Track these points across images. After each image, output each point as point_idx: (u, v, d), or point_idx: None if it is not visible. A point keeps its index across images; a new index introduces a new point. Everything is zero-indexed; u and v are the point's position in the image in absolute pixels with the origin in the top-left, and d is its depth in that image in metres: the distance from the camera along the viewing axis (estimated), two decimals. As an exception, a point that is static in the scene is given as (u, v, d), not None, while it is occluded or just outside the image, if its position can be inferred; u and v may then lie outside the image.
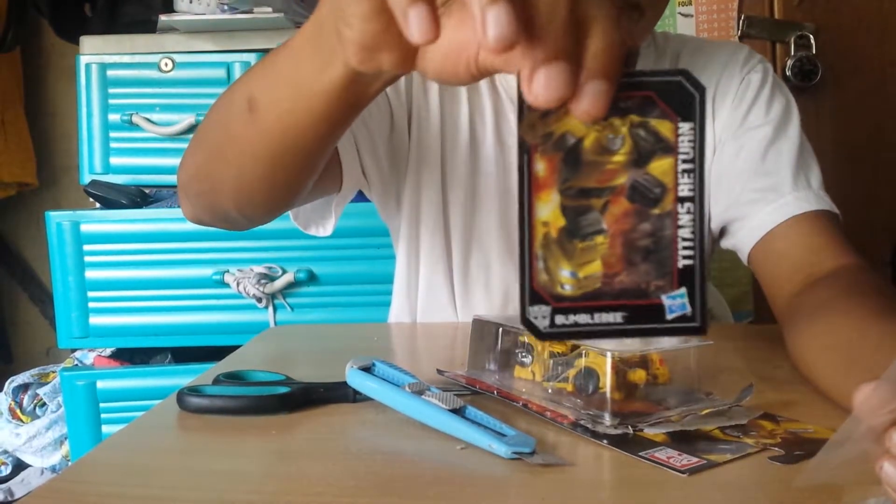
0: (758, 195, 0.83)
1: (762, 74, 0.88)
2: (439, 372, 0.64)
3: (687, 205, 0.37)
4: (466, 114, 0.89)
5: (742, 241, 0.84)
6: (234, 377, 0.63)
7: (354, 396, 0.58)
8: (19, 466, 1.68)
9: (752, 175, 0.84)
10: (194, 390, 0.58)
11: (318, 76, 0.47)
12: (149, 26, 1.59)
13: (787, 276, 0.78)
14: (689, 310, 0.39)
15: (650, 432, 0.51)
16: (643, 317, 0.38)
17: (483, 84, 0.89)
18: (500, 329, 0.61)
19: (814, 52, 1.67)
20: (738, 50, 0.91)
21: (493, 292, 0.89)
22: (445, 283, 0.90)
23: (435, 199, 0.89)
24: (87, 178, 1.56)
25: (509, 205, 0.89)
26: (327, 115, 0.50)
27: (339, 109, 0.50)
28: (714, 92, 0.89)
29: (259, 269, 1.46)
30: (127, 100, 1.55)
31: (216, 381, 0.62)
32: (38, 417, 1.65)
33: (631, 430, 0.51)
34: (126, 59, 1.55)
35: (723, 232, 0.88)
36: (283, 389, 0.59)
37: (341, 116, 0.51)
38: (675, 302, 0.39)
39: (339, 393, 0.59)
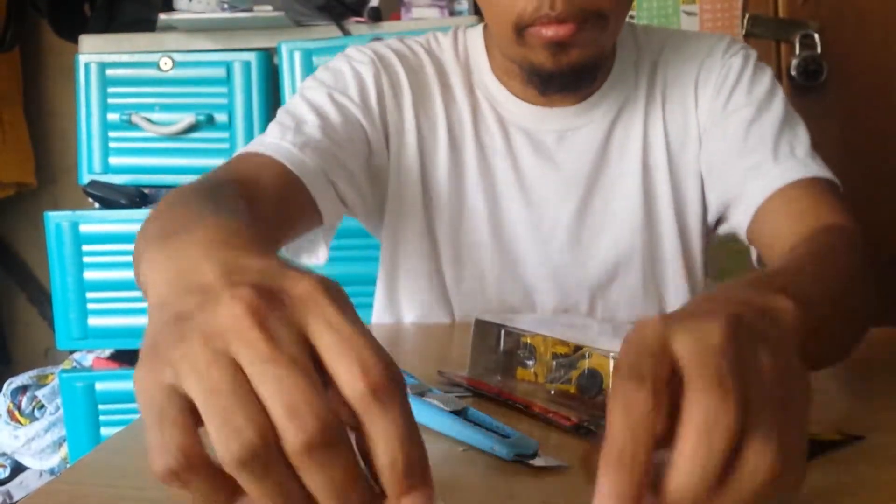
0: (744, 175, 0.81)
1: (742, 59, 0.88)
2: (440, 374, 0.63)
3: None
4: (444, 122, 0.88)
5: (738, 225, 0.83)
6: None
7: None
8: (18, 469, 1.68)
9: (737, 156, 0.83)
10: None
11: None
12: (148, 25, 1.59)
13: (778, 251, 0.75)
14: None
15: None
16: None
17: (458, 89, 0.89)
18: (503, 330, 0.61)
19: (819, 51, 1.67)
20: (720, 40, 0.91)
21: (491, 303, 0.89)
22: (439, 300, 0.90)
23: (418, 215, 0.88)
24: (86, 178, 1.55)
25: (495, 209, 0.88)
26: None
27: None
28: (696, 81, 0.88)
29: (259, 269, 1.45)
30: (126, 99, 1.55)
31: None
32: (37, 419, 1.64)
33: None
34: (125, 58, 1.55)
35: (721, 219, 0.88)
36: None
37: None
38: None
39: (339, 394, 0.58)
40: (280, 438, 0.29)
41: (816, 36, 1.66)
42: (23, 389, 1.69)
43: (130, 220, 1.47)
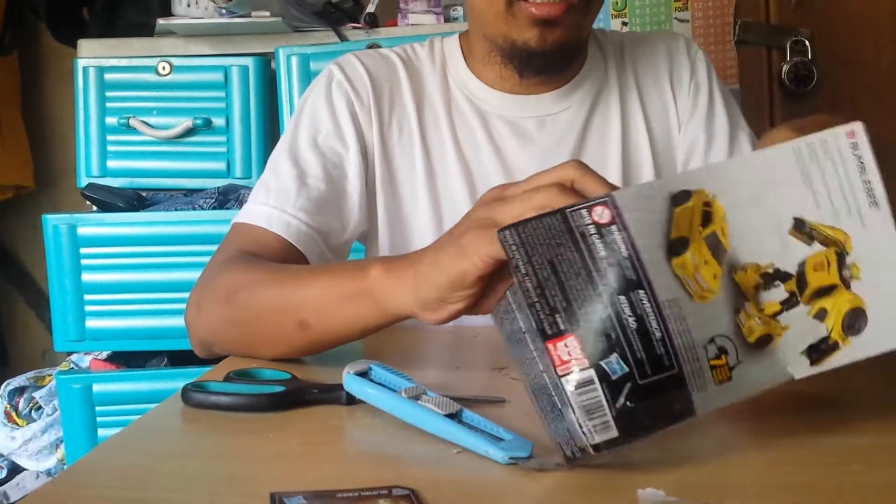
0: None
1: (705, 64, 0.96)
2: None
3: None
4: (416, 123, 0.92)
5: None
6: (243, 374, 0.65)
7: (348, 398, 0.58)
8: (15, 470, 1.68)
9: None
10: (198, 386, 0.60)
11: (375, 318, 0.63)
12: (146, 30, 1.59)
13: None
14: None
15: None
16: None
17: (433, 89, 0.93)
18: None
19: (809, 57, 1.68)
20: (675, 37, 0.99)
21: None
22: None
23: (395, 219, 0.92)
24: (84, 181, 1.56)
25: (476, 196, 0.90)
26: (374, 331, 0.66)
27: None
28: (670, 75, 0.95)
29: (256, 272, 1.46)
30: (124, 103, 1.55)
31: (227, 378, 0.63)
32: (34, 421, 1.64)
33: None
34: (123, 62, 1.56)
35: None
36: (276, 388, 0.59)
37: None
38: None
39: (332, 395, 0.59)
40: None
41: (807, 42, 1.67)
42: (20, 391, 1.69)
43: (128, 223, 1.48)
